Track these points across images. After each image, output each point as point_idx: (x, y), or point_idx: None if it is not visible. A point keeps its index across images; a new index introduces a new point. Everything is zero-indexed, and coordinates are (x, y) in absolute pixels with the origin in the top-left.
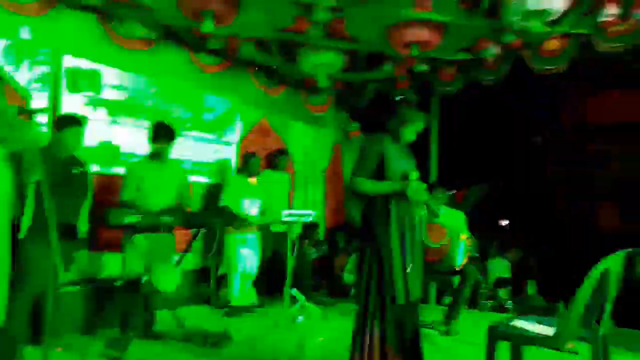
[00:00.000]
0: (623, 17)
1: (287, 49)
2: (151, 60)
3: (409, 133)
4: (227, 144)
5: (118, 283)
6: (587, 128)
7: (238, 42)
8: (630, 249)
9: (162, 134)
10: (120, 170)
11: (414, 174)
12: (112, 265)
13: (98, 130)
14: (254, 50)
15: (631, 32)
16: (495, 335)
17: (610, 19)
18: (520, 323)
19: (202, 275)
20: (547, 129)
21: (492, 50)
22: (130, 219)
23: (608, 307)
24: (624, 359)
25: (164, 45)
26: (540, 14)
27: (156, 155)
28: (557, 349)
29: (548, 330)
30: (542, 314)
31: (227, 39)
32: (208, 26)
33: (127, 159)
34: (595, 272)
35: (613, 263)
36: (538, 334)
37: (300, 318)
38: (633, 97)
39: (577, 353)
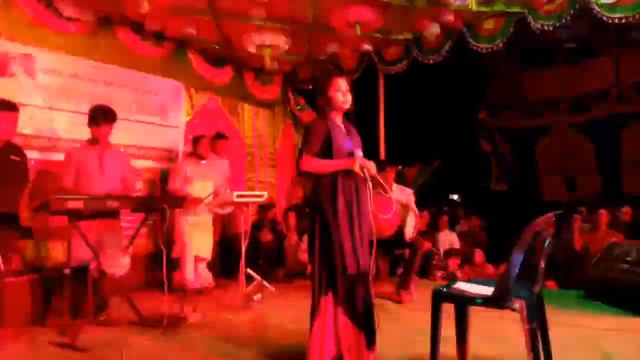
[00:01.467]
0: None
1: (231, 30)
2: (89, 44)
3: (336, 96)
4: (174, 127)
5: (65, 271)
6: (524, 103)
7: (179, 23)
8: (559, 211)
9: (101, 117)
10: (61, 156)
11: (359, 152)
12: (58, 253)
13: (35, 116)
14: (195, 32)
15: (561, 10)
16: (439, 297)
17: None
18: (463, 286)
19: (154, 259)
20: (486, 106)
21: (434, 29)
22: (73, 204)
23: (541, 265)
24: (556, 316)
25: (101, 28)
26: None
27: (95, 140)
28: (497, 307)
29: (488, 291)
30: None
31: (166, 20)
32: (144, 7)
33: (69, 145)
34: (527, 234)
35: (545, 224)
36: (479, 294)
37: (256, 297)
38: (567, 73)
39: (515, 310)
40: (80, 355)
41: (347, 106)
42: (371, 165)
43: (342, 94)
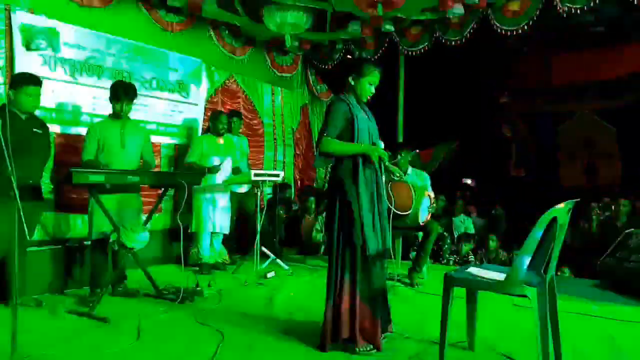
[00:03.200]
0: None
1: (252, 8)
2: (111, 18)
3: (366, 86)
4: (194, 104)
5: (86, 242)
6: (549, 88)
7: None
8: (576, 199)
9: (122, 92)
10: (82, 130)
11: (380, 144)
12: (79, 226)
13: (57, 90)
14: (216, 8)
15: None
16: (451, 281)
17: None
18: (475, 270)
19: (172, 234)
20: (509, 90)
21: (457, 10)
22: (95, 178)
23: (555, 253)
24: (568, 304)
25: (123, 2)
26: None
27: (117, 115)
28: (508, 294)
29: (500, 276)
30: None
31: None
32: None
33: (90, 119)
34: (543, 221)
35: (560, 212)
36: (490, 279)
37: (270, 275)
38: (595, 57)
39: (527, 296)
40: (98, 324)
41: (366, 99)
42: (386, 155)
43: (372, 87)
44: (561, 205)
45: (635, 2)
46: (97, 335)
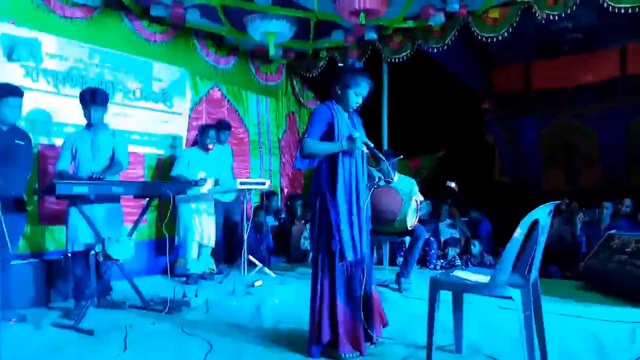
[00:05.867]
0: None
1: (236, 17)
2: (93, 29)
3: (352, 96)
4: (178, 114)
5: (67, 254)
6: (530, 93)
7: (183, 8)
8: (557, 201)
9: (90, 99)
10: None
11: (356, 133)
12: (62, 237)
13: (40, 101)
14: (199, 18)
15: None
16: (436, 284)
17: None
18: (460, 274)
19: (157, 245)
20: (491, 95)
21: (438, 18)
22: (79, 189)
23: (538, 254)
24: (553, 305)
25: (106, 13)
26: None
27: (89, 125)
28: (493, 295)
29: (484, 279)
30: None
31: (171, 6)
32: None
33: (73, 130)
34: (525, 223)
35: (541, 214)
36: (475, 282)
37: (258, 283)
38: (573, 63)
39: (511, 298)
40: (84, 337)
41: (352, 109)
42: (364, 141)
43: (359, 97)
44: (542, 207)
45: (610, 9)
46: (83, 348)
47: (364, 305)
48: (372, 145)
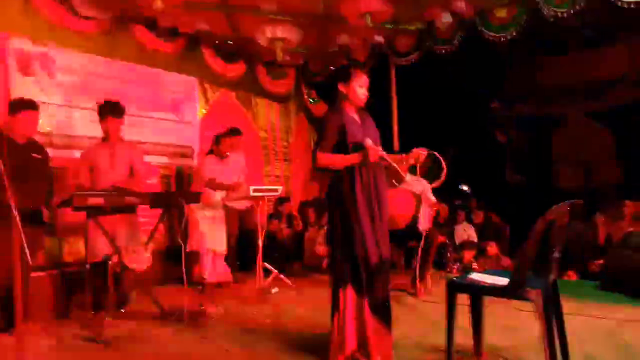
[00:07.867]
0: None
1: (244, 24)
2: (105, 42)
3: (357, 89)
4: (188, 123)
5: (86, 266)
6: (539, 92)
7: (191, 19)
8: (573, 201)
9: (108, 111)
10: (79, 153)
11: (368, 140)
12: (79, 249)
13: (54, 114)
14: (207, 27)
15: None
16: (454, 287)
17: None
18: (477, 276)
19: (170, 254)
20: (500, 95)
21: (445, 19)
22: (94, 201)
23: (555, 255)
24: (574, 306)
25: (117, 26)
26: None
27: (107, 136)
28: (511, 297)
29: (502, 281)
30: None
31: (179, 16)
32: (159, 4)
33: (89, 141)
34: (541, 223)
35: (558, 214)
36: (492, 284)
37: (274, 290)
38: (581, 60)
39: (530, 299)
40: (104, 348)
41: (362, 103)
42: (379, 150)
43: (363, 89)
44: (558, 206)
45: (619, 4)
46: (104, 359)
47: (386, 307)
48: (388, 160)
